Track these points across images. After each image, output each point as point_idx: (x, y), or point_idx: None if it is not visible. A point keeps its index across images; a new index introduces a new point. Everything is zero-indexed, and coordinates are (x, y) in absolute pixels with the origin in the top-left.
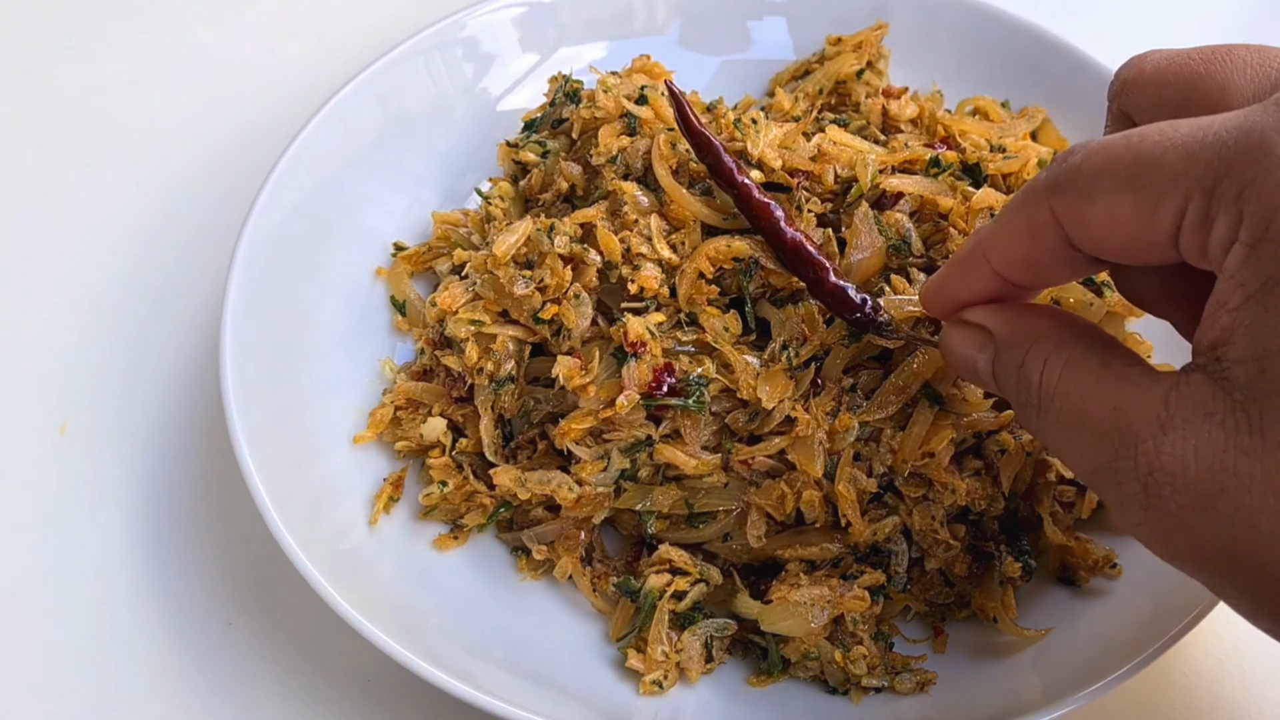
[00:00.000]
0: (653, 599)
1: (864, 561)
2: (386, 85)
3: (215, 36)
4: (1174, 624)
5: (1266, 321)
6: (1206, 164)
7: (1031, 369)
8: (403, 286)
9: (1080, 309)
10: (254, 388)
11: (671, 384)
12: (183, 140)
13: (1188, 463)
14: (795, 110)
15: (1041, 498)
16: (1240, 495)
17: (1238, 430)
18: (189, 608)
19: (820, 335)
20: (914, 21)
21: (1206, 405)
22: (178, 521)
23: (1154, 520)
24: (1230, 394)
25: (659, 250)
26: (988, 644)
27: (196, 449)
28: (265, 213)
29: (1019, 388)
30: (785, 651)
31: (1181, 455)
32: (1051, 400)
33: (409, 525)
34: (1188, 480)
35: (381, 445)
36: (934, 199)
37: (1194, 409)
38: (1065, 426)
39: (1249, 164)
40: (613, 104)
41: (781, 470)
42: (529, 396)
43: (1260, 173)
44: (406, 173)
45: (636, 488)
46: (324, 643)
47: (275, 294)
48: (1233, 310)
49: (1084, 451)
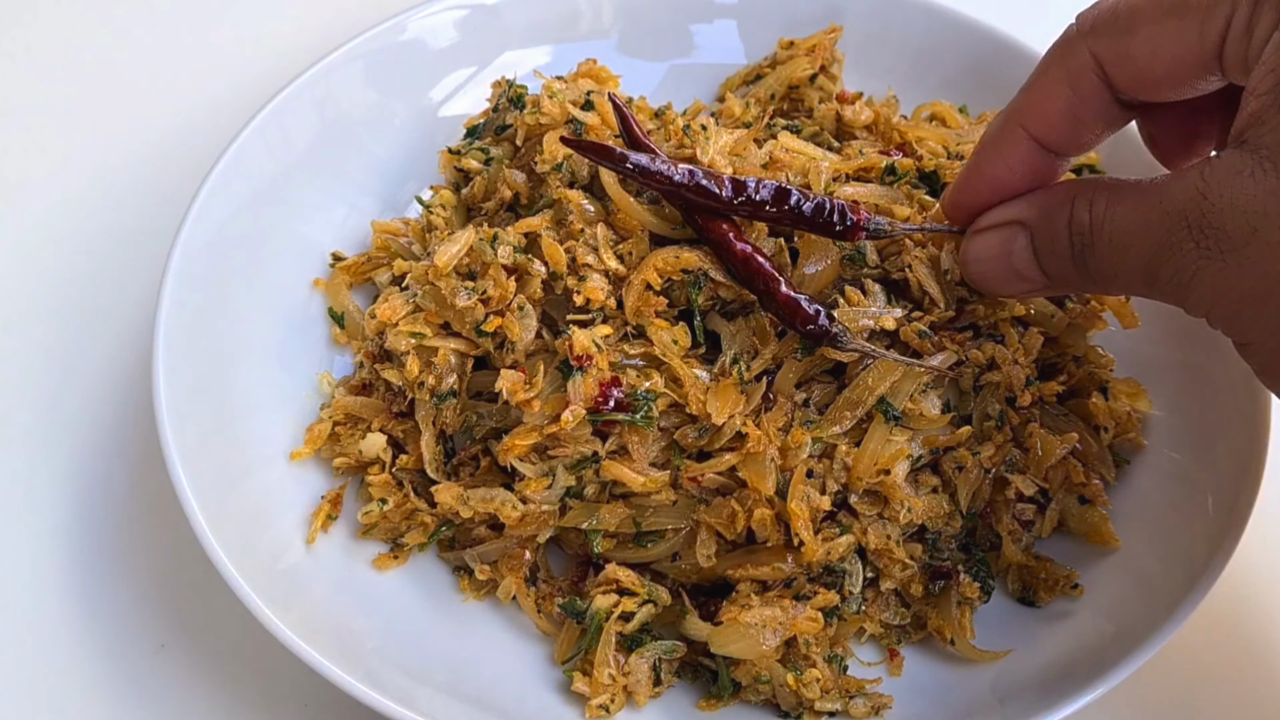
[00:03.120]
0: (599, 620)
1: (817, 582)
2: (324, 90)
3: (148, 40)
4: (1137, 646)
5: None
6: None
7: (1080, 213)
8: (341, 298)
9: (1042, 321)
10: (187, 402)
11: (618, 398)
12: (114, 147)
13: (1225, 215)
14: (746, 116)
15: (1000, 516)
16: (1271, 232)
17: (1265, 177)
18: (119, 630)
19: (772, 348)
20: (869, 24)
21: (1236, 166)
22: (107, 540)
23: (1206, 270)
24: (1258, 154)
25: (605, 261)
26: (945, 667)
27: (127, 465)
28: (199, 222)
29: (1069, 240)
30: (736, 674)
31: (1219, 209)
32: (1102, 228)
33: (348, 544)
34: (1228, 230)
35: (319, 462)
36: (890, 208)
37: (1226, 172)
38: (1118, 245)
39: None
40: (558, 110)
41: (732, 488)
42: (471, 411)
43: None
44: (345, 181)
45: (582, 506)
46: (260, 666)
47: (209, 305)
48: (1262, 95)
49: (1139, 254)
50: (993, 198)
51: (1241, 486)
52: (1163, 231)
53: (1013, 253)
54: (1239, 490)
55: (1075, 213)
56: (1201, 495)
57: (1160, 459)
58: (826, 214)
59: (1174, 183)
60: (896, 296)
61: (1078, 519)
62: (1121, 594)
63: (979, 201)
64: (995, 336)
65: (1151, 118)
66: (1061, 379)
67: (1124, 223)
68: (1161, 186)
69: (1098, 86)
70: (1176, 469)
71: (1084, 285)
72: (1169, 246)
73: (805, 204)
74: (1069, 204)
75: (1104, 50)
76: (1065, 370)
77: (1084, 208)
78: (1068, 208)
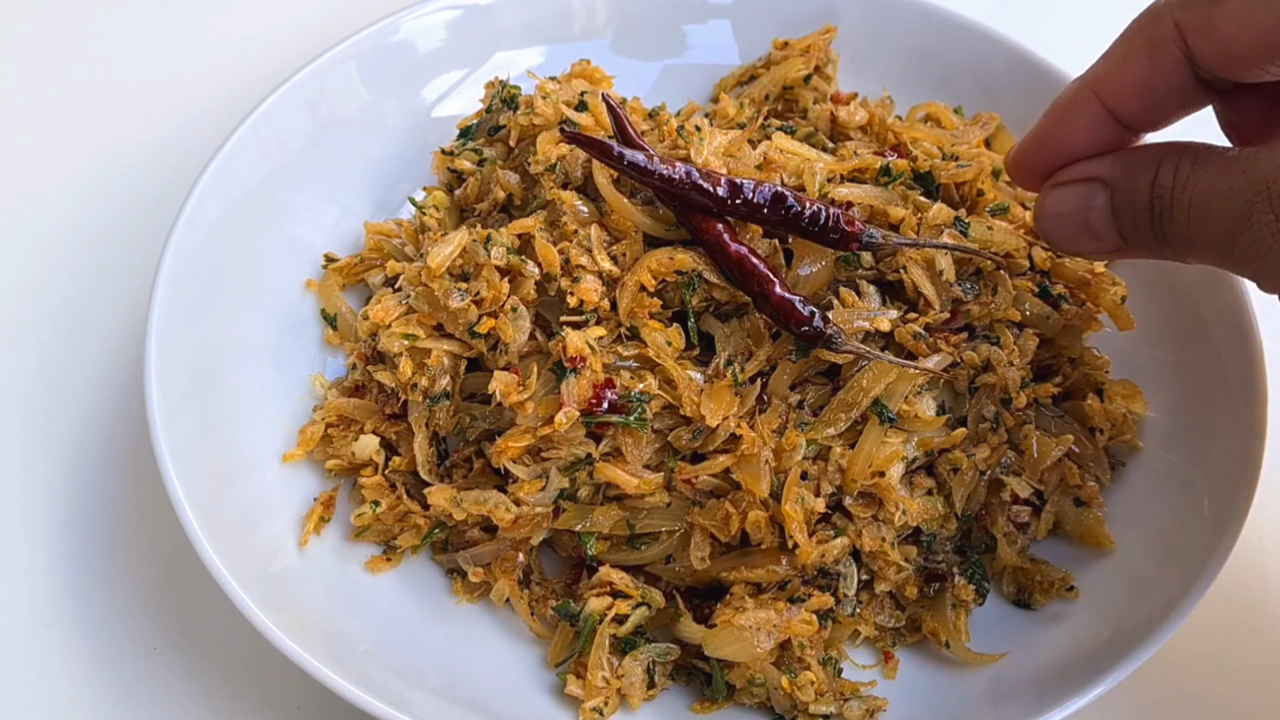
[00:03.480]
0: (593, 623)
1: (811, 584)
2: (317, 91)
3: (139, 41)
4: (1132, 648)
5: None
6: None
7: (1165, 175)
8: (334, 299)
9: (1038, 323)
10: (180, 404)
11: (612, 400)
12: (106, 149)
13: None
14: (740, 117)
15: (995, 518)
16: None
17: None
18: (110, 633)
19: (766, 350)
20: (863, 25)
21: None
22: (99, 543)
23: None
24: None
25: (599, 262)
26: (940, 669)
27: (120, 467)
28: (191, 223)
29: (1150, 202)
30: (730, 677)
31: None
32: (1184, 191)
33: (340, 547)
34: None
35: (312, 464)
36: (885, 209)
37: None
38: (1197, 210)
39: None
40: (551, 110)
41: (726, 490)
42: (464, 413)
43: None
44: (338, 182)
45: (576, 508)
46: (252, 668)
47: (202, 307)
48: None
49: (1217, 221)
50: (1057, 163)
51: (1238, 489)
52: (1244, 200)
53: (1090, 210)
54: (1235, 493)
55: (1160, 175)
56: (1197, 498)
57: (1156, 461)
58: (822, 223)
59: (1261, 154)
60: (891, 298)
61: (1073, 521)
62: (1117, 596)
63: (1044, 165)
64: (990, 338)
65: (1234, 102)
66: (1057, 381)
67: (1205, 187)
68: (1248, 156)
69: (1179, 60)
70: (1172, 471)
71: (1158, 250)
72: (1248, 216)
73: (801, 211)
74: (1154, 165)
75: (1190, 20)
76: (1061, 372)
77: (1169, 171)
78: (1152, 169)
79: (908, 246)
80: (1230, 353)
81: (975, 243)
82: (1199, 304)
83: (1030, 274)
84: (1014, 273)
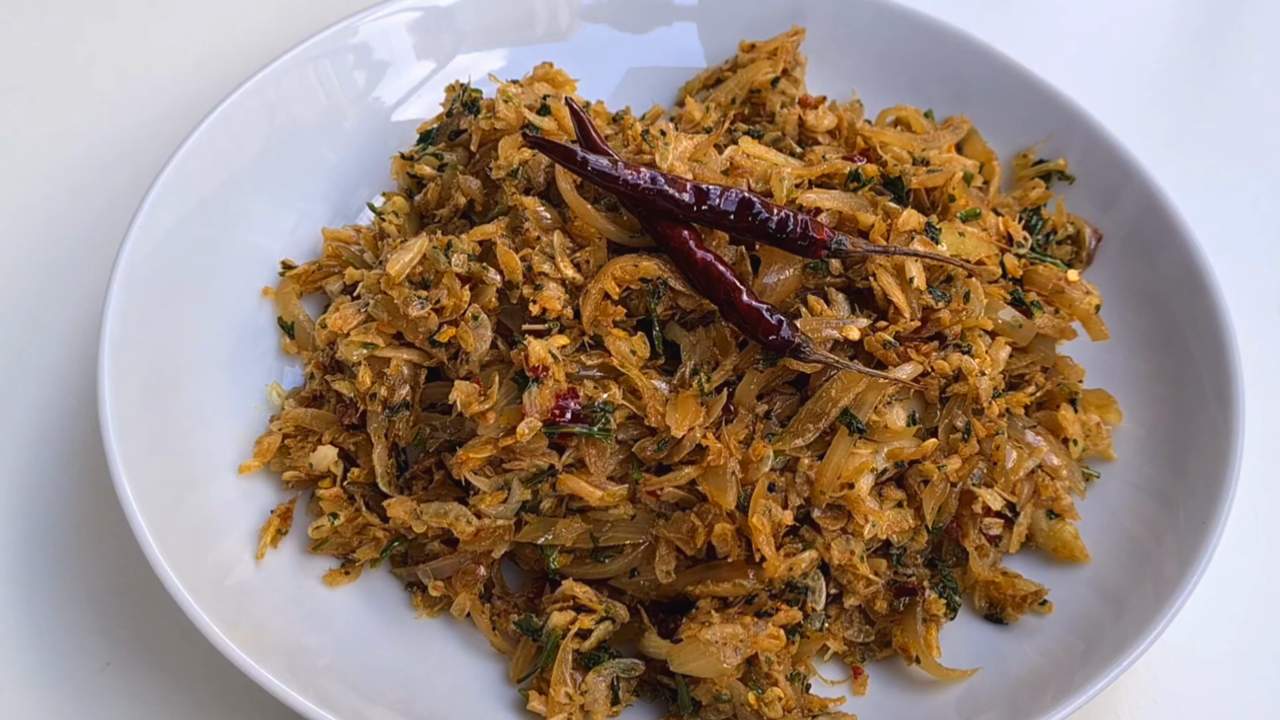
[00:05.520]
0: (556, 638)
1: (779, 598)
2: (274, 94)
3: (90, 42)
4: (1107, 664)
5: None
6: None
7: None
8: (291, 307)
9: (1008, 331)
10: (134, 414)
11: (575, 410)
12: (57, 152)
13: None
14: (706, 121)
15: (967, 531)
16: None
17: None
18: (63, 647)
19: (733, 359)
20: (832, 26)
21: None
22: (51, 555)
23: None
24: None
25: (562, 269)
26: (910, 686)
27: (72, 478)
28: (145, 230)
29: None
30: (696, 693)
31: None
32: None
33: (298, 560)
34: None
35: (268, 475)
36: (854, 215)
37: None
38: None
39: None
40: (513, 114)
41: (692, 502)
42: (425, 424)
43: None
44: (295, 187)
45: (539, 520)
46: (208, 684)
47: (156, 315)
48: None
49: None
50: None
51: (1213, 500)
52: None
53: None
54: (1211, 504)
55: None
56: (1173, 509)
57: (1131, 472)
58: (790, 229)
59: None
60: (861, 306)
61: (1046, 534)
62: (1091, 611)
63: None
64: (962, 347)
65: None
66: (1030, 390)
67: None
68: None
69: None
70: (1148, 482)
71: None
72: None
73: (769, 217)
74: None
75: None
76: (1034, 381)
77: None
78: None
79: (877, 253)
80: (1206, 362)
81: (946, 249)
82: (1174, 312)
83: (1003, 281)
84: (986, 280)
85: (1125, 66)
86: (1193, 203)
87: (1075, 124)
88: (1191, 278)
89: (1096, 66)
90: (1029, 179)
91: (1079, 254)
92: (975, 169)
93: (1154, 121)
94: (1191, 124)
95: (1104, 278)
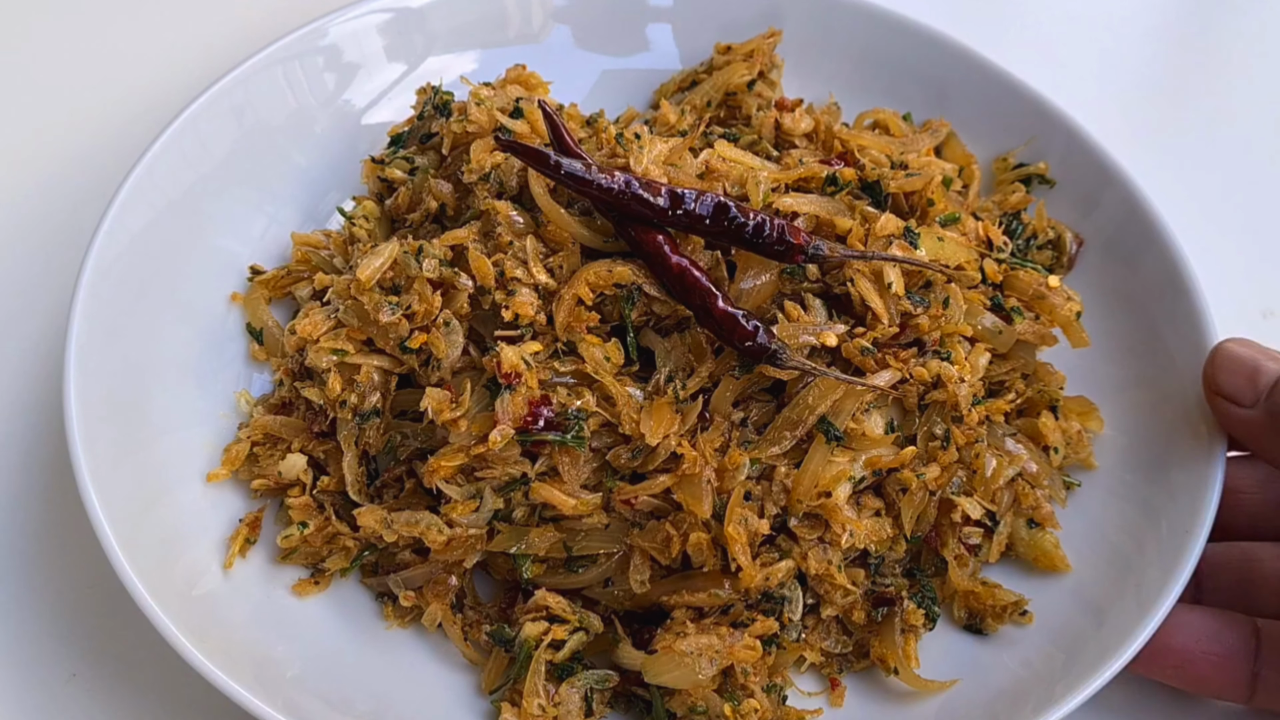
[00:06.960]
0: (528, 648)
1: (755, 608)
2: (242, 97)
3: (56, 45)
4: (1088, 675)
5: None
6: None
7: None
8: (260, 313)
9: (988, 337)
10: (100, 422)
11: (549, 418)
12: (22, 156)
13: None
14: (682, 124)
15: (946, 540)
16: None
17: None
18: (28, 659)
19: (708, 366)
20: (809, 28)
21: None
22: (16, 564)
23: None
24: None
25: (535, 274)
26: (888, 697)
27: (37, 487)
28: (112, 234)
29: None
30: (671, 705)
31: None
32: None
33: (267, 569)
34: None
35: (237, 483)
36: (831, 219)
37: None
38: None
39: None
40: (486, 117)
41: (667, 510)
42: (395, 431)
43: None
44: (264, 191)
45: (511, 529)
46: (176, 696)
47: (123, 321)
48: None
49: None
50: None
51: (1196, 509)
52: None
53: None
54: (1193, 513)
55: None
56: (1155, 518)
57: (1112, 480)
58: (766, 234)
59: None
60: (838, 312)
61: (1027, 543)
62: (1072, 620)
63: None
64: (941, 353)
65: None
66: (1010, 397)
67: None
68: None
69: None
70: (1129, 491)
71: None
72: None
73: (745, 222)
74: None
75: None
76: (1014, 388)
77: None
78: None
79: (855, 259)
80: (1188, 368)
81: (925, 254)
82: (1156, 317)
83: (982, 287)
84: (965, 286)
85: (1107, 69)
86: (1175, 207)
87: (1056, 127)
88: (1174, 283)
89: (1078, 69)
90: (1009, 183)
91: (1060, 259)
92: (954, 173)
93: (1136, 125)
94: (1174, 127)
95: (1085, 283)
